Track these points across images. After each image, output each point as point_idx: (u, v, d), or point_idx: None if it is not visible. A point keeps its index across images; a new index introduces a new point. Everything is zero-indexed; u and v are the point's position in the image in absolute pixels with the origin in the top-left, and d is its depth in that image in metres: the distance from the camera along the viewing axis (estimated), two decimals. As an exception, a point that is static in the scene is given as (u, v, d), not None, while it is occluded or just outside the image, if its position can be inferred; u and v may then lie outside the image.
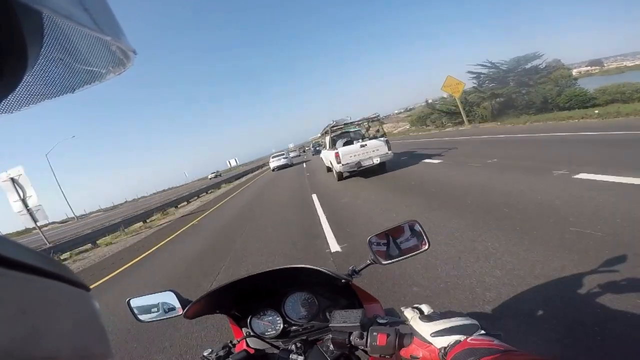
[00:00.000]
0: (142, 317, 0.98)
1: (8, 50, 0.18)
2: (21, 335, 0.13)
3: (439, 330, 0.64)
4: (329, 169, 11.85)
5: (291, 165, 26.32)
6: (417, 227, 0.94)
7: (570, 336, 1.68)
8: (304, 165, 22.75)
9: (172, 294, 0.94)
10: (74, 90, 0.23)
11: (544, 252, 2.56)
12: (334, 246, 4.05)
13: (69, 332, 0.16)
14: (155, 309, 0.97)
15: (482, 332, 0.62)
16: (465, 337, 0.59)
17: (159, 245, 8.11)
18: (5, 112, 0.21)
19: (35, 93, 0.22)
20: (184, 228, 9.75)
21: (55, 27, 0.20)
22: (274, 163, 26.48)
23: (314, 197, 8.13)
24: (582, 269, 2.19)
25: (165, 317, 0.96)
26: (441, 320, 0.67)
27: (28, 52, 0.19)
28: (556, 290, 2.08)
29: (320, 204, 6.94)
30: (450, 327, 0.64)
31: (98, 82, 0.24)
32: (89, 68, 0.23)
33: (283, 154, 27.31)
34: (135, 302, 0.98)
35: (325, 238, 4.47)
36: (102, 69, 0.24)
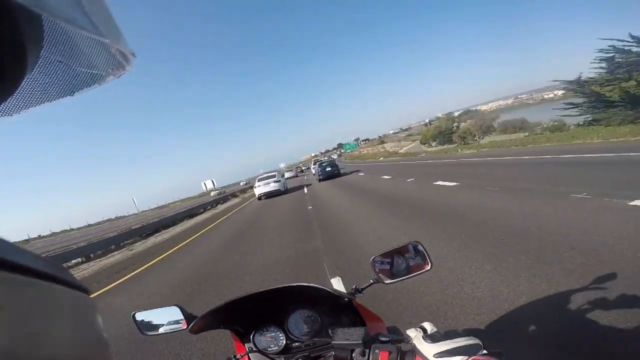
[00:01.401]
0: (146, 331, 0.98)
1: (8, 53, 0.18)
2: (20, 339, 0.13)
3: (442, 352, 0.64)
4: None
5: (284, 192, 19.06)
6: (420, 248, 0.96)
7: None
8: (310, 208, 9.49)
9: (177, 309, 0.95)
10: (74, 93, 0.24)
11: None
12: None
13: (68, 336, 0.15)
14: (160, 324, 0.97)
15: (485, 352, 0.62)
16: (467, 358, 0.59)
17: None
18: (5, 115, 0.21)
19: (35, 96, 0.22)
20: None
21: (54, 30, 0.20)
22: (260, 189, 19.31)
23: None
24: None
25: (169, 332, 0.97)
26: (444, 342, 0.67)
27: (28, 54, 0.19)
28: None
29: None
30: (453, 348, 0.64)
31: (98, 85, 0.25)
32: (88, 71, 0.23)
33: (273, 176, 19.98)
34: (140, 317, 0.98)
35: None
36: (101, 72, 0.24)
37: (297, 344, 0.96)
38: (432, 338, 0.70)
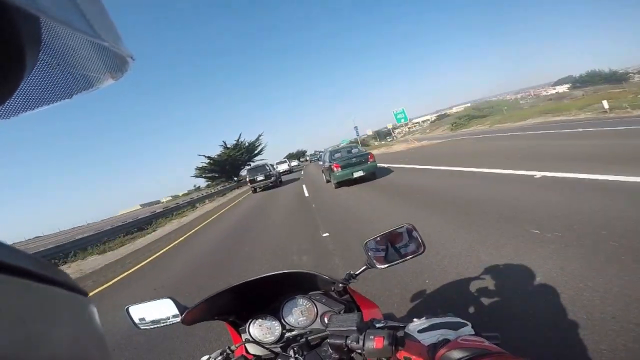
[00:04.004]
0: (140, 324, 0.98)
1: (5, 56, 0.18)
2: (19, 342, 0.13)
3: (426, 327, 0.64)
4: None
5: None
6: (414, 232, 0.96)
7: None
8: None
9: (170, 301, 0.95)
10: (72, 95, 0.23)
11: None
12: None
13: (67, 339, 0.16)
14: (153, 316, 0.97)
15: (472, 332, 0.62)
16: (455, 335, 0.59)
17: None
18: (3, 118, 0.21)
19: (33, 99, 0.22)
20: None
21: (53, 33, 0.20)
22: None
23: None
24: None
25: (163, 324, 0.97)
26: (429, 319, 0.67)
27: (26, 57, 0.19)
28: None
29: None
30: (437, 323, 0.65)
31: (96, 88, 0.24)
32: (87, 74, 0.23)
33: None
34: (134, 310, 0.98)
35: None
36: (100, 75, 0.24)
37: (293, 332, 0.97)
38: (419, 317, 0.70)
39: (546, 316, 1.91)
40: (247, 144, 36.50)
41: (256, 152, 37.77)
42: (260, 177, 17.52)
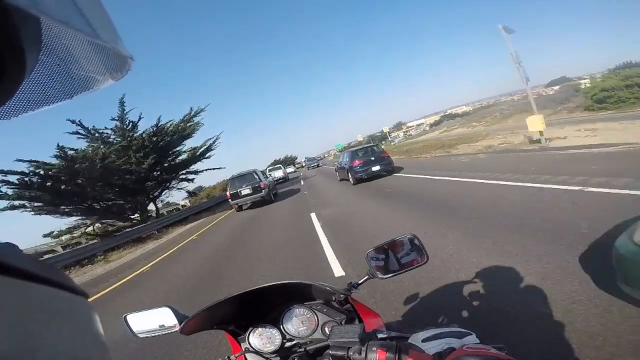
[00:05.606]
0: (138, 332, 0.97)
1: (6, 57, 0.18)
2: (19, 342, 0.13)
3: (430, 336, 0.64)
4: None
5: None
6: (416, 241, 0.96)
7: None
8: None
9: (169, 310, 0.94)
10: (72, 96, 0.24)
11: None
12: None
13: (67, 340, 0.16)
14: (152, 325, 0.96)
15: (477, 341, 0.62)
16: (460, 344, 0.59)
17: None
18: (4, 119, 0.21)
19: (33, 99, 0.22)
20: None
21: (53, 34, 0.20)
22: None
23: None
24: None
25: (161, 333, 0.95)
26: (433, 329, 0.68)
27: (26, 58, 0.19)
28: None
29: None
30: (441, 333, 0.64)
31: (96, 89, 0.25)
32: (87, 74, 0.23)
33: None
34: (132, 318, 0.97)
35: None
36: (99, 76, 0.24)
37: (293, 342, 0.96)
38: (423, 328, 0.70)
39: None
40: (154, 129, 16.23)
41: (200, 151, 18.64)
42: (245, 191, 12.71)
